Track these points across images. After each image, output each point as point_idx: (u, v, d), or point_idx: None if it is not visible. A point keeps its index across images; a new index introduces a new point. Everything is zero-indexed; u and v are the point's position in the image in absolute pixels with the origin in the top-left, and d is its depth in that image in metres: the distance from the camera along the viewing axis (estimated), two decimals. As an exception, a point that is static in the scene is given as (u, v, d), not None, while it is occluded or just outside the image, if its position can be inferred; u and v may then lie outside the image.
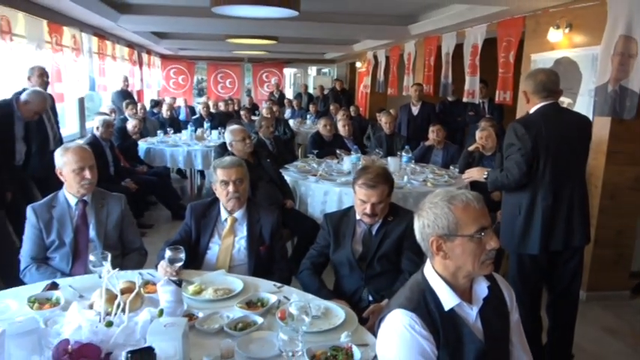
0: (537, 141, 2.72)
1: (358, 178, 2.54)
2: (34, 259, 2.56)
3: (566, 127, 2.81)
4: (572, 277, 2.96)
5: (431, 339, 1.46)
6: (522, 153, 2.73)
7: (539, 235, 2.80)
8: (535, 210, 2.80)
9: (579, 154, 2.88)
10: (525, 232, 2.84)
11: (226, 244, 2.66)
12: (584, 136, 2.91)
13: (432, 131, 5.70)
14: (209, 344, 1.76)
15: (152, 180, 6.12)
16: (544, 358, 3.05)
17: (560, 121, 2.82)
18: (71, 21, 6.49)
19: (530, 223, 2.82)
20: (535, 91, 2.83)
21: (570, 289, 2.98)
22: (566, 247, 2.84)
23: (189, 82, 14.54)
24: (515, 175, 2.77)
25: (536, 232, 2.81)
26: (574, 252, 2.90)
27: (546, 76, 2.83)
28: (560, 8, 4.60)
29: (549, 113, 2.81)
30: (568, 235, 2.82)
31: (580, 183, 2.89)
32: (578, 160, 2.87)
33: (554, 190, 2.78)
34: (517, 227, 2.87)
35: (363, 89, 12.00)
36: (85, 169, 2.58)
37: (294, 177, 4.63)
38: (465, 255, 1.48)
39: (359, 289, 2.59)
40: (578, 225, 2.83)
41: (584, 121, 2.96)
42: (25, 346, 1.51)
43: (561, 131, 2.77)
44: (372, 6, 6.71)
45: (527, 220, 2.83)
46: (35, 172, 4.50)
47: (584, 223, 2.85)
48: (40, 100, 4.22)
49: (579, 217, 2.83)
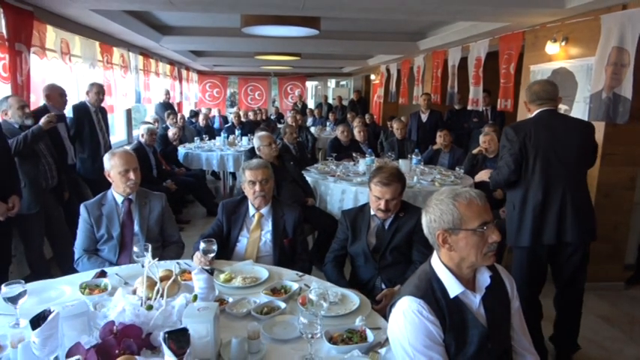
0: (525, 143, 2.69)
1: (374, 177, 2.52)
2: (86, 250, 2.60)
3: (561, 131, 2.72)
4: (575, 272, 2.83)
5: (437, 323, 1.43)
6: (511, 153, 2.72)
7: (529, 229, 2.74)
8: (527, 206, 2.75)
9: (575, 156, 2.74)
10: (519, 226, 2.79)
11: (254, 237, 2.66)
12: (585, 139, 2.77)
13: (440, 136, 5.64)
14: (237, 326, 1.76)
15: (190, 181, 6.18)
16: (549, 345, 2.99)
17: (554, 125, 2.73)
18: (120, 42, 6.60)
19: (522, 217, 2.77)
20: (531, 100, 2.81)
21: (574, 283, 2.87)
22: (559, 241, 2.73)
23: (222, 94, 14.64)
24: (504, 173, 2.77)
25: (527, 227, 2.75)
26: (576, 248, 2.78)
27: (540, 87, 2.80)
28: (557, 23, 4.50)
29: (543, 118, 2.76)
30: (560, 230, 2.72)
31: (576, 183, 2.75)
32: (573, 161, 2.73)
33: (543, 187, 2.70)
34: (513, 222, 2.82)
35: (377, 99, 11.93)
36: (129, 171, 2.61)
37: (314, 177, 4.62)
38: (469, 247, 1.45)
39: (373, 278, 2.57)
40: (572, 222, 2.70)
41: (585, 126, 2.82)
42: (76, 327, 1.53)
43: (553, 134, 2.70)
44: (384, 24, 6.67)
45: (520, 215, 2.78)
46: (88, 174, 4.61)
47: (579, 222, 2.71)
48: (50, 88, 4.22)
49: (573, 215, 2.70)
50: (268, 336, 1.69)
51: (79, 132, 4.62)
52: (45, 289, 2.08)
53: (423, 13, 4.69)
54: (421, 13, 4.70)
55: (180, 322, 1.56)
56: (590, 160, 2.88)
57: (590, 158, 2.86)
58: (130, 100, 7.28)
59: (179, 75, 10.75)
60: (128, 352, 1.41)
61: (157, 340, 1.50)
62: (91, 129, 4.69)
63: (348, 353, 1.57)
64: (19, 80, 3.78)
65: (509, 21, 4.79)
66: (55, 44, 4.58)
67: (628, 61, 3.61)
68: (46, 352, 1.39)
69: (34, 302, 1.90)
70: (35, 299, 1.95)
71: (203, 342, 1.52)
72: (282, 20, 4.88)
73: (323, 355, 1.59)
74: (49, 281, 2.17)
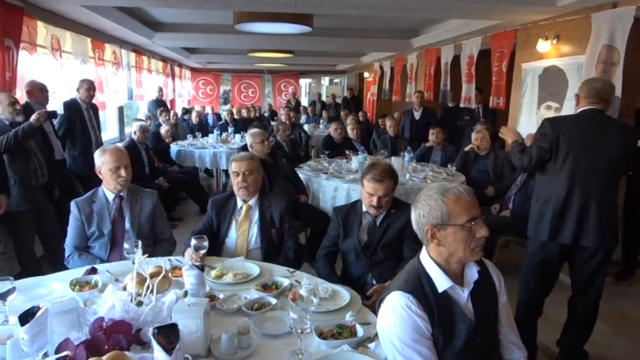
0: (559, 139, 2.64)
1: (367, 174, 2.53)
2: (77, 247, 2.59)
3: (599, 132, 2.62)
4: (592, 277, 2.75)
5: (426, 318, 1.44)
6: (539, 146, 2.70)
7: (548, 224, 2.71)
8: (550, 200, 2.72)
9: (610, 161, 2.61)
10: (539, 218, 2.77)
11: (243, 229, 2.69)
12: (621, 145, 2.62)
13: (432, 133, 5.66)
14: (228, 322, 1.76)
15: (182, 178, 6.17)
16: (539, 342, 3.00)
17: (594, 126, 2.64)
18: (112, 39, 6.56)
19: (543, 211, 2.75)
20: (586, 95, 2.70)
21: (589, 289, 2.79)
22: (575, 242, 2.67)
23: (215, 91, 14.59)
24: (525, 161, 2.77)
25: (546, 221, 2.72)
26: (594, 252, 2.69)
27: (602, 85, 2.70)
28: (548, 21, 4.53)
29: (585, 117, 2.68)
30: (578, 232, 2.65)
31: (604, 188, 2.64)
32: (605, 166, 2.62)
33: (569, 186, 2.65)
34: (534, 214, 2.81)
35: (371, 97, 11.95)
36: (120, 168, 2.60)
37: (307, 175, 4.63)
38: (457, 242, 1.46)
39: (364, 274, 2.58)
40: (593, 226, 2.62)
41: (626, 132, 2.69)
42: (65, 323, 1.53)
43: (591, 135, 2.62)
44: (377, 22, 6.68)
45: (541, 209, 2.76)
46: (79, 171, 4.59)
47: (600, 226, 2.62)
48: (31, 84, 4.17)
49: (595, 219, 2.62)
50: (258, 331, 1.69)
51: (70, 129, 4.59)
52: (35, 286, 2.07)
53: (415, 10, 4.71)
54: (413, 10, 4.72)
55: (171, 317, 1.56)
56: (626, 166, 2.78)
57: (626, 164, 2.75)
58: (122, 97, 7.24)
59: (172, 72, 10.71)
60: (118, 347, 1.41)
61: (146, 336, 1.50)
62: (82, 126, 4.67)
63: (337, 348, 1.58)
64: (6, 76, 3.75)
65: (500, 19, 4.81)
66: (45, 40, 4.55)
67: (618, 59, 3.65)
68: (35, 348, 1.39)
69: (23, 299, 1.89)
70: (25, 296, 1.93)
71: (193, 337, 1.53)
72: (274, 17, 4.88)
73: (313, 350, 1.60)
74: (39, 278, 2.16)
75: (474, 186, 4.43)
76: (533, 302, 2.92)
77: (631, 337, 3.33)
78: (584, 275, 2.78)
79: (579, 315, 2.88)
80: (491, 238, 3.82)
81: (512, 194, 4.17)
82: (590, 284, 2.78)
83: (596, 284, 2.78)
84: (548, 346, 3.09)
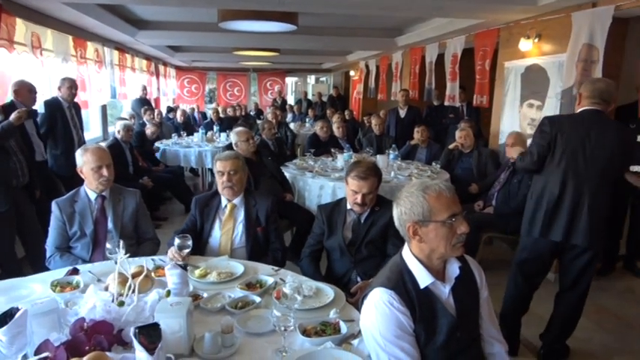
0: (557, 137, 2.66)
1: (351, 171, 2.54)
2: (58, 248, 2.56)
3: (596, 133, 2.62)
4: (580, 275, 2.80)
5: (408, 314, 1.46)
6: (539, 144, 2.73)
7: (541, 221, 2.75)
8: (543, 198, 2.76)
9: (605, 161, 2.63)
10: (533, 215, 2.80)
11: (227, 228, 2.68)
12: (618, 146, 2.64)
13: (417, 131, 5.70)
14: (212, 321, 1.75)
15: (168, 177, 6.12)
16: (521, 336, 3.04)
17: (592, 126, 2.64)
18: (94, 36, 6.47)
19: (537, 208, 2.78)
20: (589, 95, 2.69)
21: (576, 286, 2.83)
22: (566, 240, 2.71)
23: (201, 90, 14.48)
24: (527, 160, 2.81)
25: (539, 218, 2.76)
26: (583, 251, 2.73)
27: (605, 85, 2.69)
28: (530, 20, 4.58)
29: (584, 117, 2.68)
30: (570, 230, 2.69)
31: (597, 187, 2.66)
32: (601, 166, 2.64)
33: (562, 184, 2.68)
34: (528, 211, 2.85)
35: (356, 95, 11.97)
36: (102, 168, 2.57)
37: (293, 173, 4.62)
38: (438, 238, 1.48)
39: (348, 272, 2.59)
40: (584, 225, 2.66)
41: (622, 133, 2.70)
42: (45, 324, 1.51)
43: (588, 135, 2.62)
44: (362, 21, 6.70)
45: (535, 206, 2.80)
46: (61, 171, 4.52)
47: (591, 226, 2.66)
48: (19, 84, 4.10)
49: (587, 219, 2.65)
50: (242, 330, 1.69)
51: (51, 128, 4.52)
52: (15, 287, 2.04)
53: (398, 8, 4.73)
54: (396, 8, 4.74)
55: (153, 317, 1.55)
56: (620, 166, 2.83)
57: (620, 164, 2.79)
58: (105, 95, 7.15)
59: (156, 70, 10.59)
60: (99, 348, 1.40)
61: (128, 336, 1.49)
62: (64, 125, 4.60)
63: (321, 345, 1.59)
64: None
65: (482, 18, 4.86)
66: (25, 38, 4.46)
67: (597, 57, 3.71)
68: (14, 349, 1.38)
69: (3, 301, 1.87)
70: (5, 297, 1.91)
71: (176, 337, 1.52)
72: (259, 15, 4.86)
73: (296, 348, 1.61)
74: (20, 279, 2.13)
75: (458, 183, 4.52)
76: (521, 297, 2.97)
77: (611, 331, 3.39)
78: (573, 272, 2.82)
79: (564, 310, 2.92)
80: (475, 235, 3.94)
81: (495, 191, 4.22)
82: (578, 281, 2.82)
83: (583, 282, 2.83)
84: (531, 340, 3.14)
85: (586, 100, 2.70)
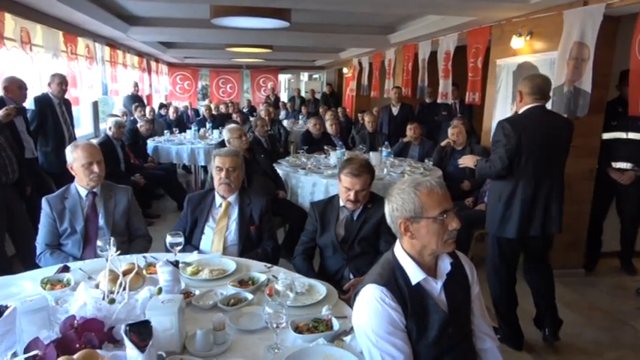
0: (521, 139, 2.73)
1: (344, 168, 2.54)
2: (49, 245, 2.54)
3: (550, 127, 2.80)
4: (543, 251, 3.04)
5: (399, 310, 1.46)
6: (507, 148, 2.75)
7: (517, 222, 2.82)
8: (515, 199, 2.82)
9: (560, 152, 2.85)
10: (505, 218, 2.86)
11: (220, 226, 2.66)
12: (567, 136, 2.87)
13: (410, 129, 5.71)
14: (204, 318, 1.74)
15: (160, 174, 6.08)
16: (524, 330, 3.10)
17: (545, 122, 2.80)
18: (85, 32, 6.40)
19: (509, 210, 2.85)
20: (531, 92, 2.80)
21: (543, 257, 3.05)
22: (543, 233, 2.86)
23: (193, 87, 14.41)
24: (497, 166, 2.81)
25: (514, 219, 2.83)
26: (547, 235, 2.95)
27: (543, 81, 2.83)
28: (522, 18, 4.60)
29: (536, 114, 2.80)
30: (546, 223, 2.84)
31: (559, 178, 2.88)
32: (558, 157, 2.85)
33: (534, 183, 2.78)
34: (497, 213, 2.90)
35: (350, 92, 11.96)
36: (93, 164, 2.55)
37: (285, 170, 4.62)
38: (430, 235, 1.48)
39: (341, 269, 2.59)
40: (556, 215, 2.83)
41: (567, 123, 2.92)
42: (35, 322, 1.49)
43: (545, 131, 2.77)
44: (355, 18, 6.69)
45: (506, 208, 2.85)
46: (52, 168, 4.48)
47: (560, 214, 2.85)
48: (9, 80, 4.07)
49: (556, 208, 2.83)
50: (234, 327, 1.69)
51: (41, 125, 4.47)
52: (5, 285, 2.02)
53: (390, 5, 4.72)
54: (389, 5, 4.73)
55: (144, 315, 1.54)
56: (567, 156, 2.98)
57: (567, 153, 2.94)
58: (97, 92, 7.08)
59: (148, 67, 10.52)
60: (89, 346, 1.39)
61: (119, 334, 1.48)
62: (54, 121, 4.56)
63: (313, 342, 1.59)
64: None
65: (474, 15, 4.87)
66: (14, 33, 4.41)
67: (588, 55, 3.73)
68: (3, 348, 1.36)
69: (-8, 299, 1.84)
70: (-7, 295, 1.89)
71: (167, 334, 1.51)
72: (251, 11, 4.83)
73: (289, 345, 1.60)
74: (9, 277, 2.10)
75: (451, 180, 4.54)
76: (509, 293, 3.04)
77: (602, 327, 3.42)
78: (538, 252, 3.03)
79: (541, 281, 3.06)
80: (467, 232, 3.96)
81: (487, 188, 4.24)
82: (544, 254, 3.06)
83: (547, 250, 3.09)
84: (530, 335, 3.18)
85: (529, 97, 2.81)
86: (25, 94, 4.15)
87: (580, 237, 4.26)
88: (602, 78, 3.86)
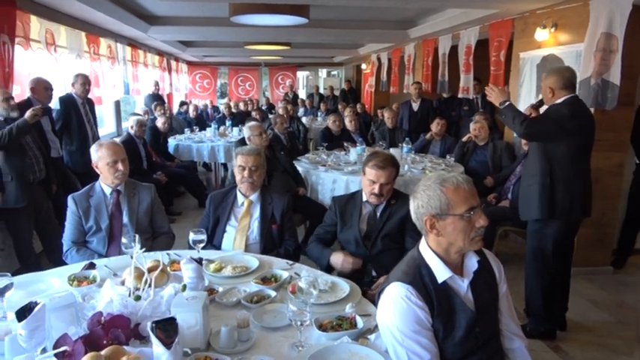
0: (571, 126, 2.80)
1: (369, 161, 2.52)
2: (75, 242, 2.58)
3: (587, 116, 2.90)
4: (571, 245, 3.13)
5: (426, 308, 1.43)
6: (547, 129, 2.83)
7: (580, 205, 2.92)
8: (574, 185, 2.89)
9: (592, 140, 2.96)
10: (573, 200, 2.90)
11: (243, 225, 2.67)
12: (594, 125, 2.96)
13: (437, 124, 5.64)
14: (227, 315, 1.75)
15: (181, 172, 6.15)
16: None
17: (583, 111, 2.90)
18: (107, 33, 6.51)
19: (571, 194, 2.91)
20: (563, 86, 2.86)
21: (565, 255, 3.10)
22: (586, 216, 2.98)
23: (213, 85, 14.52)
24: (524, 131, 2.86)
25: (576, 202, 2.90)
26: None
27: (571, 74, 2.89)
28: (546, 9, 4.49)
29: (577, 104, 2.87)
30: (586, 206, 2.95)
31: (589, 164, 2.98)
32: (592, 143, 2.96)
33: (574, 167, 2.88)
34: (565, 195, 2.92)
35: (368, 88, 11.89)
36: (118, 162, 2.58)
37: (305, 167, 4.61)
38: (456, 232, 1.45)
39: (363, 265, 2.57)
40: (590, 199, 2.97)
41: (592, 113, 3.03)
42: (63, 318, 1.52)
43: (588, 119, 2.89)
44: (374, 13, 6.63)
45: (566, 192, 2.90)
46: (77, 167, 4.57)
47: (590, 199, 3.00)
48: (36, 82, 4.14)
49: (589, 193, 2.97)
50: (258, 324, 1.68)
51: (66, 124, 4.56)
52: (33, 281, 2.06)
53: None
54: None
55: (169, 311, 1.55)
56: None
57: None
58: (119, 91, 7.20)
59: (168, 66, 10.64)
60: (116, 342, 1.40)
61: (145, 330, 1.49)
62: (78, 121, 4.64)
63: (337, 340, 1.58)
64: (4, 72, 3.72)
65: (498, 7, 4.77)
66: (39, 35, 4.51)
67: (616, 47, 3.62)
68: (33, 343, 1.38)
69: (22, 295, 1.88)
70: (23, 292, 1.93)
71: (192, 331, 1.52)
72: (270, 9, 4.83)
73: (313, 342, 1.60)
74: (38, 274, 2.15)
75: (473, 176, 4.43)
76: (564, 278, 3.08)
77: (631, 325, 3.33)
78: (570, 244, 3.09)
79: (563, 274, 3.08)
80: (490, 229, 3.89)
81: (511, 184, 4.17)
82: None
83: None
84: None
85: (561, 91, 2.86)
86: (50, 95, 4.24)
87: (607, 233, 4.15)
88: (631, 70, 3.75)
